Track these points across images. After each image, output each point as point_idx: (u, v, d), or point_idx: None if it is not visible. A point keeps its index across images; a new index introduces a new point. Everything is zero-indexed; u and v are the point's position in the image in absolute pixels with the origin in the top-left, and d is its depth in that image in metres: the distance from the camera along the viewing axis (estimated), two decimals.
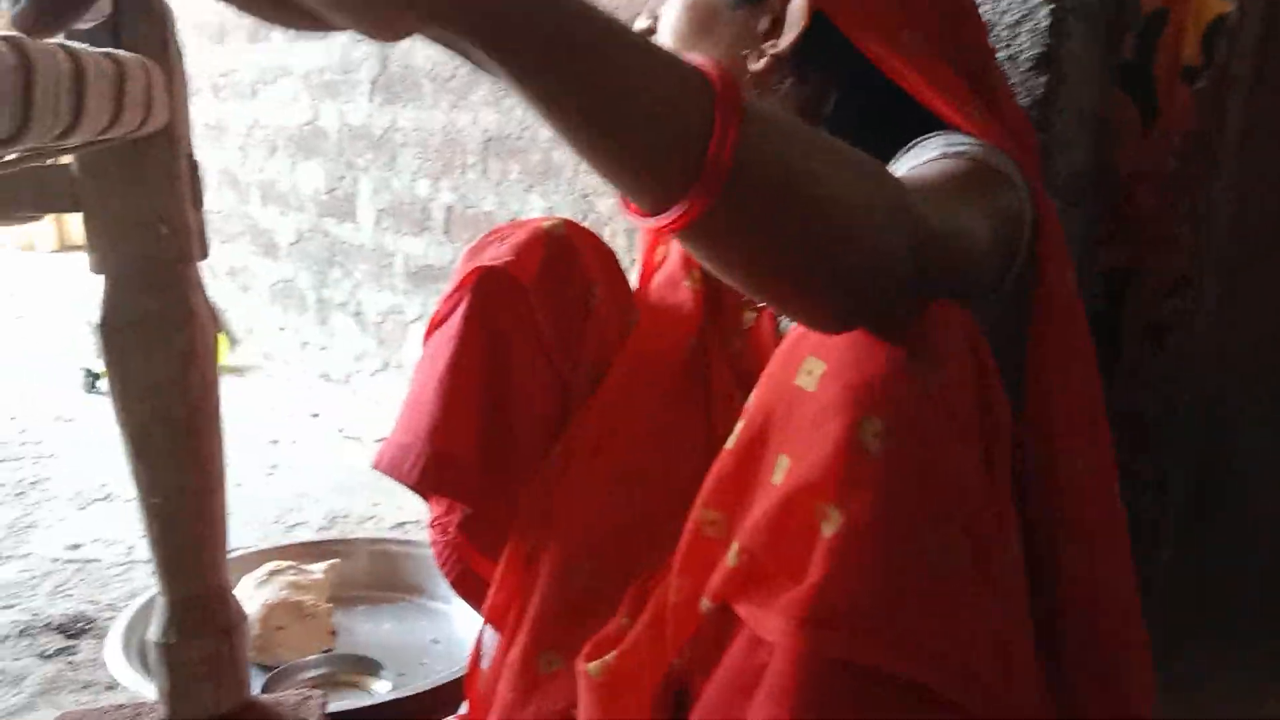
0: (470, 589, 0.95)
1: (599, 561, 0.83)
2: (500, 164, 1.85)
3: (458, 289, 0.86)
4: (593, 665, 0.74)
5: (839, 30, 0.76)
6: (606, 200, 1.65)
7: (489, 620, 0.89)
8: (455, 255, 1.99)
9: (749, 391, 0.62)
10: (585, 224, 0.94)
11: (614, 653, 0.74)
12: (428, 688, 1.12)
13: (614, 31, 0.47)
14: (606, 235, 1.56)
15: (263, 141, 2.57)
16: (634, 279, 0.98)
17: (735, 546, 0.63)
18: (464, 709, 0.96)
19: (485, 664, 0.91)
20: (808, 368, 0.56)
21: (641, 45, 0.48)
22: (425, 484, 0.85)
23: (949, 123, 0.74)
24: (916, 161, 0.72)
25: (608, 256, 0.91)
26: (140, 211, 0.77)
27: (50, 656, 1.25)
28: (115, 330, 0.83)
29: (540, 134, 1.75)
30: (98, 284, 0.81)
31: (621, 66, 0.47)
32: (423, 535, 1.53)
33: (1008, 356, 0.64)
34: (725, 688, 0.67)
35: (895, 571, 0.52)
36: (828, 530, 0.53)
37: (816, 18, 0.77)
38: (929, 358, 0.55)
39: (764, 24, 0.80)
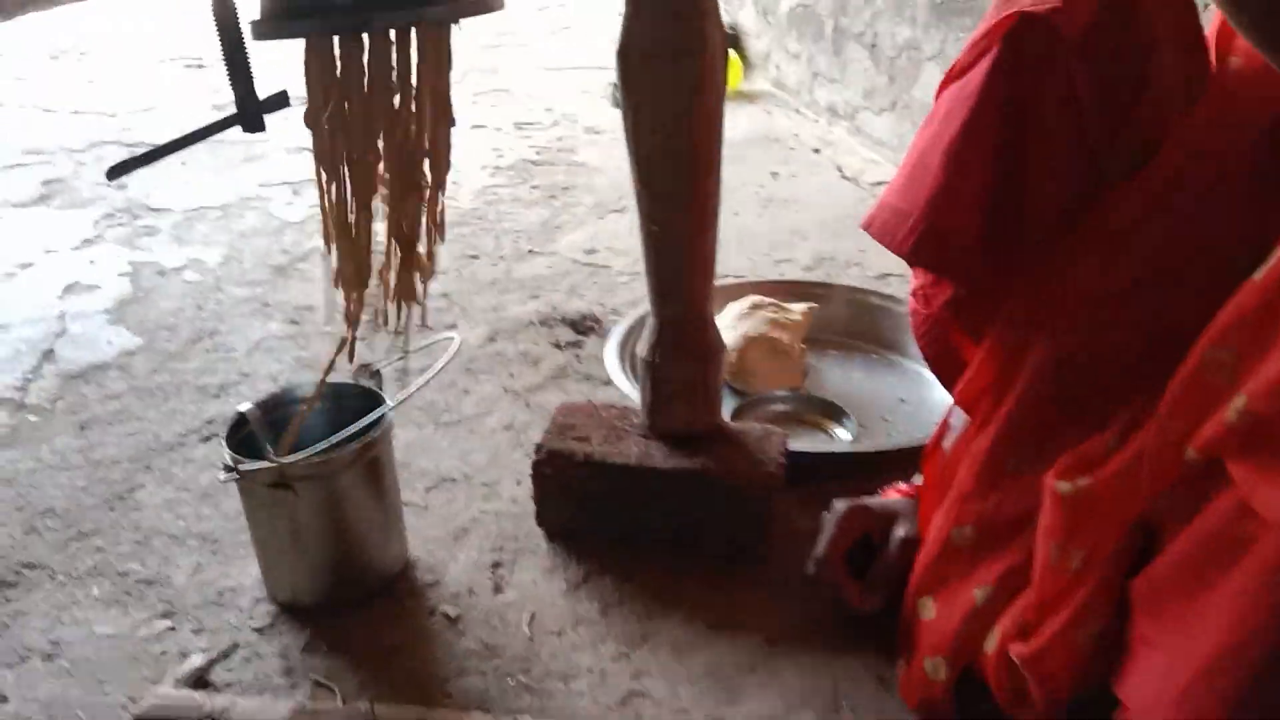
0: (945, 367, 0.89)
1: (1097, 366, 0.73)
2: None
3: (986, 36, 0.74)
4: (1064, 485, 0.68)
5: None
6: None
7: (960, 403, 0.84)
8: None
9: None
10: None
11: (1089, 478, 0.67)
12: (889, 448, 1.12)
13: None
14: None
15: None
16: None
17: (1240, 401, 0.56)
18: (918, 479, 0.94)
19: (948, 444, 0.87)
20: None
21: None
22: (917, 258, 0.78)
23: None
24: None
25: (1186, 8, 0.72)
26: None
27: (562, 347, 1.42)
28: (630, 58, 0.85)
29: None
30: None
31: None
32: (905, 291, 1.48)
33: None
34: (1199, 548, 0.61)
35: None
36: None
37: None
38: None
39: None
